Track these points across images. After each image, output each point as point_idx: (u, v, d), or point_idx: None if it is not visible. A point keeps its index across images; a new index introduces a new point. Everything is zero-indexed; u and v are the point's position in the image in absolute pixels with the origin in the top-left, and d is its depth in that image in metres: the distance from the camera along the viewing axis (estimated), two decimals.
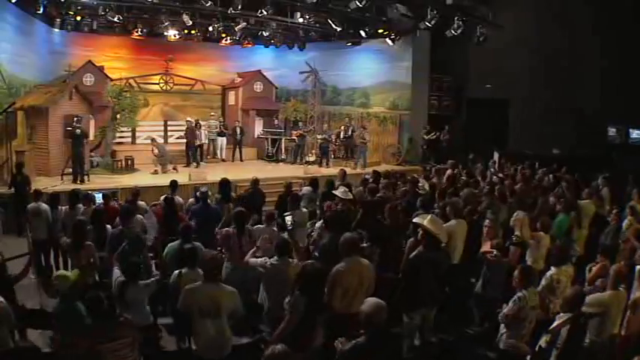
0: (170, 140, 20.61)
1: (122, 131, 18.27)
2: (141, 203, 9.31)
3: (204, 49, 21.55)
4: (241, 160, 19.63)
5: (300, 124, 20.21)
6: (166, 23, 16.49)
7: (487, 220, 7.16)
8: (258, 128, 21.38)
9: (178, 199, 9.53)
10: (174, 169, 16.24)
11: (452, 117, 19.30)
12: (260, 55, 22.56)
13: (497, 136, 17.58)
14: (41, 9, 13.55)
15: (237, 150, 19.75)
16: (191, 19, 15.85)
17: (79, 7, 14.93)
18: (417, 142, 19.19)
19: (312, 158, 19.45)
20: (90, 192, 11.03)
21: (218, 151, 19.63)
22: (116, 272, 5.93)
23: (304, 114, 21.18)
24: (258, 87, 21.96)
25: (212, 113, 20.58)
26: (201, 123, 18.99)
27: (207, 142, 19.19)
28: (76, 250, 6.84)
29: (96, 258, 6.88)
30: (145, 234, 8.37)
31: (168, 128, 20.95)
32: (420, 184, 10.67)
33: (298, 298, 4.55)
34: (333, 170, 17.47)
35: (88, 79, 17.36)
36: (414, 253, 5.71)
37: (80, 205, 8.65)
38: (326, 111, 21.67)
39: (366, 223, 7.99)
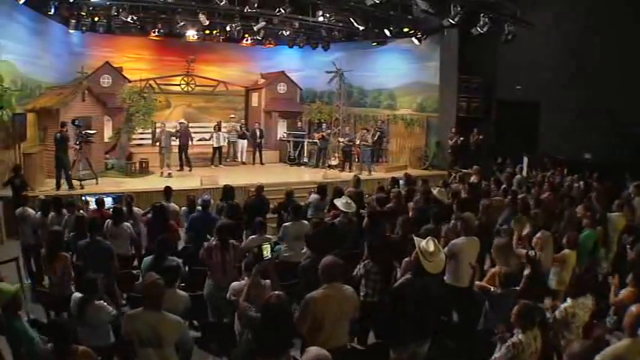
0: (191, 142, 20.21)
1: (142, 133, 18.00)
2: (137, 210, 8.87)
3: (226, 50, 21.15)
4: (261, 164, 19.11)
5: (324, 126, 19.57)
6: (182, 23, 16.02)
7: (496, 239, 6.26)
8: (282, 130, 20.86)
9: (173, 206, 9.01)
10: (169, 174, 15.59)
11: (481, 119, 18.39)
12: (285, 56, 22.03)
13: (526, 140, 16.65)
14: (52, 10, 13.22)
15: (258, 153, 19.21)
16: (209, 19, 15.41)
17: (90, 8, 14.57)
18: (445, 146, 18.33)
19: (334, 162, 18.78)
20: (89, 196, 10.76)
21: (238, 154, 19.14)
22: None
23: (329, 116, 20.53)
24: (281, 88, 21.43)
25: (232, 115, 20.16)
26: (223, 125, 18.66)
27: (225, 144, 18.67)
28: (50, 261, 6.39)
29: (70, 270, 6.39)
30: (132, 243, 7.96)
31: (190, 130, 20.46)
32: (436, 192, 9.77)
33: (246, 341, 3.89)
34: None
35: (106, 81, 17.11)
36: (400, 280, 5.00)
37: (64, 212, 8.21)
38: (352, 113, 20.99)
39: (369, 236, 7.38)
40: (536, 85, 16.39)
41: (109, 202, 10.46)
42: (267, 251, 4.65)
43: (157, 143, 16.50)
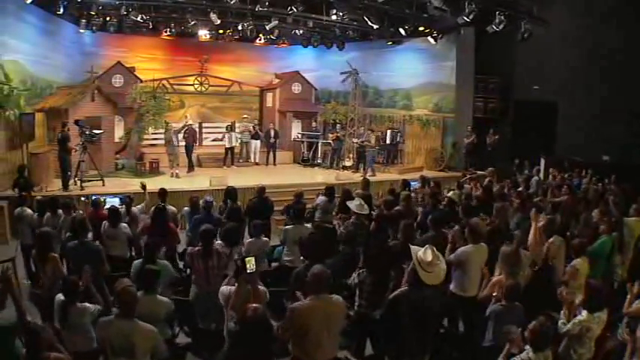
0: (205, 143, 20.13)
1: (155, 133, 17.87)
2: (135, 210, 8.69)
3: (240, 50, 20.97)
4: (274, 164, 18.87)
5: (338, 126, 19.28)
6: (193, 22, 15.87)
7: (504, 247, 5.85)
8: (296, 131, 20.60)
9: (171, 208, 8.78)
10: (176, 175, 15.44)
11: (498, 120, 17.93)
12: (300, 56, 21.78)
13: (544, 141, 16.17)
14: (61, 9, 13.13)
15: (272, 153, 19.00)
16: (220, 18, 15.25)
17: (100, 7, 14.46)
18: (461, 146, 17.93)
19: (349, 163, 18.47)
20: (95, 196, 10.60)
21: (251, 155, 18.92)
22: None
23: (344, 116, 20.23)
24: (296, 88, 21.15)
25: (245, 115, 19.96)
26: (236, 125, 18.51)
27: (238, 144, 18.48)
28: (40, 263, 6.21)
29: (61, 271, 6.20)
30: (130, 245, 7.77)
31: (204, 130, 20.38)
32: (450, 195, 9.38)
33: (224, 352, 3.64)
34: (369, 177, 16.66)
35: (117, 80, 16.99)
36: (396, 292, 4.66)
37: (60, 213, 8.05)
38: (367, 113, 20.66)
39: (369, 241, 7.05)
40: (553, 84, 15.91)
41: (116, 202, 10.30)
42: (250, 264, 4.37)
43: (169, 143, 16.32)
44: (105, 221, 7.68)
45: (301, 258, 6.72)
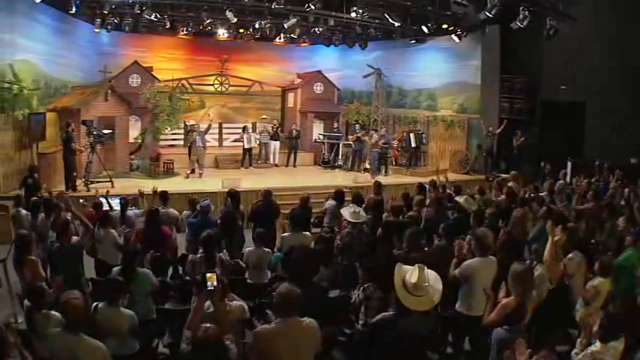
0: (225, 144, 19.85)
1: (174, 133, 17.67)
2: (130, 214, 8.36)
3: (262, 49, 20.62)
4: (294, 166, 18.45)
5: (357, 127, 18.75)
6: (208, 20, 15.55)
7: (515, 265, 5.06)
8: (317, 132, 20.16)
9: (172, 211, 8.42)
10: (192, 172, 15.39)
11: (525, 121, 17.17)
12: (323, 56, 21.39)
13: (571, 144, 15.43)
14: (74, 9, 12.96)
15: (293, 155, 18.59)
16: (238, 17, 14.91)
17: (113, 6, 14.24)
18: (486, 146, 17.22)
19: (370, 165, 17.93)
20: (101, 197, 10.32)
21: (270, 156, 18.54)
22: None
23: (367, 117, 19.72)
24: (318, 88, 20.69)
25: (264, 116, 19.61)
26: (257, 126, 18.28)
27: (256, 145, 18.12)
28: (18, 266, 5.99)
29: (40, 275, 5.91)
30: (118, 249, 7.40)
31: (224, 131, 20.11)
32: (462, 201, 8.75)
33: None
34: (390, 179, 16.13)
35: (134, 80, 16.77)
36: (378, 317, 4.10)
37: (42, 215, 7.81)
38: (390, 114, 20.14)
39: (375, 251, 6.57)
40: (581, 84, 15.18)
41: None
42: (212, 281, 3.90)
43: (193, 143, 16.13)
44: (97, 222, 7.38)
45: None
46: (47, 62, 13.75)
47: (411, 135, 17.82)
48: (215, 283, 3.86)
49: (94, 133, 12.22)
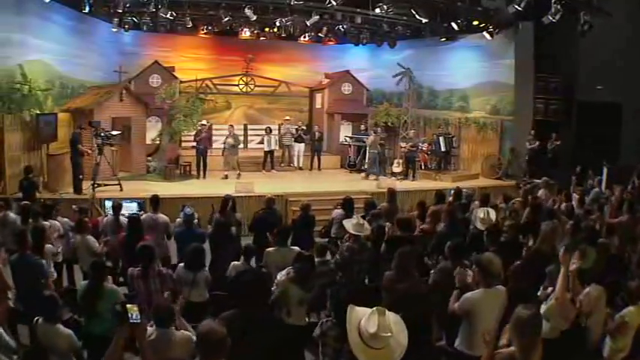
0: (250, 145, 19.37)
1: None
2: (122, 219, 7.92)
3: (288, 48, 20.09)
4: (319, 169, 17.83)
5: (379, 129, 17.93)
6: (226, 19, 15.10)
7: (520, 309, 3.95)
8: (345, 134, 19.48)
9: (162, 217, 7.91)
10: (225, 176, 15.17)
11: (560, 124, 16.14)
12: (351, 55, 20.77)
13: (608, 148, 14.40)
14: (87, 8, 12.69)
15: (316, 157, 17.98)
16: (257, 14, 14.48)
17: (127, 5, 13.92)
18: (520, 153, 16.26)
19: (398, 169, 17.17)
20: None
21: (294, 159, 17.99)
22: None
23: (397, 118, 18.94)
24: (346, 89, 20.02)
25: (287, 117, 19.01)
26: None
27: (277, 147, 17.60)
28: None
29: (7, 285, 5.49)
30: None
31: (249, 132, 19.65)
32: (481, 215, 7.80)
33: None
34: (418, 184, 15.39)
35: (155, 80, 16.40)
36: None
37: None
38: (421, 115, 19.30)
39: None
40: (617, 84, 14.24)
41: (133, 207, 9.67)
42: (133, 313, 3.28)
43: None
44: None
45: None
46: (62, 62, 13.59)
47: (441, 138, 16.96)
48: (138, 316, 3.24)
49: (101, 134, 11.84)
